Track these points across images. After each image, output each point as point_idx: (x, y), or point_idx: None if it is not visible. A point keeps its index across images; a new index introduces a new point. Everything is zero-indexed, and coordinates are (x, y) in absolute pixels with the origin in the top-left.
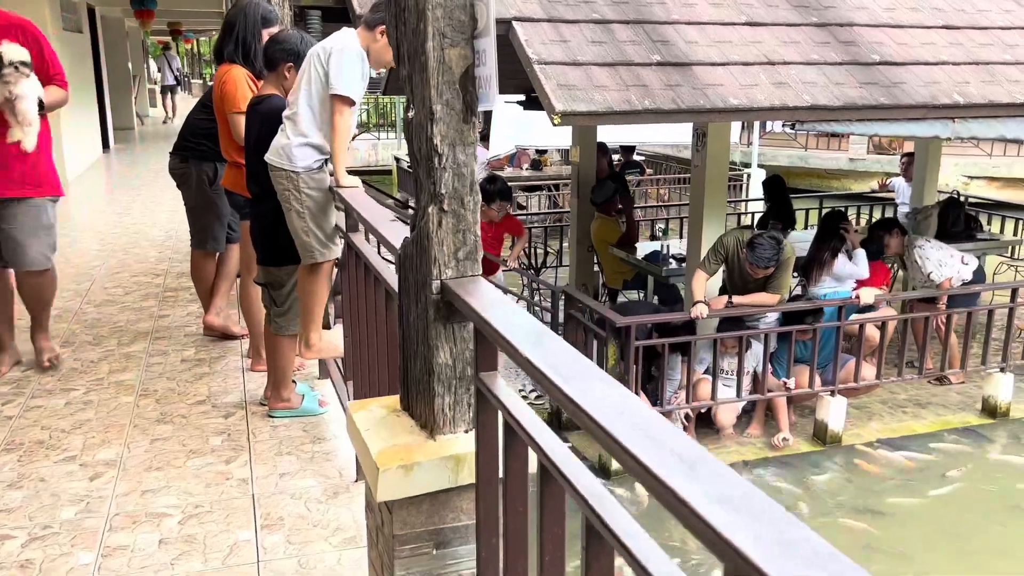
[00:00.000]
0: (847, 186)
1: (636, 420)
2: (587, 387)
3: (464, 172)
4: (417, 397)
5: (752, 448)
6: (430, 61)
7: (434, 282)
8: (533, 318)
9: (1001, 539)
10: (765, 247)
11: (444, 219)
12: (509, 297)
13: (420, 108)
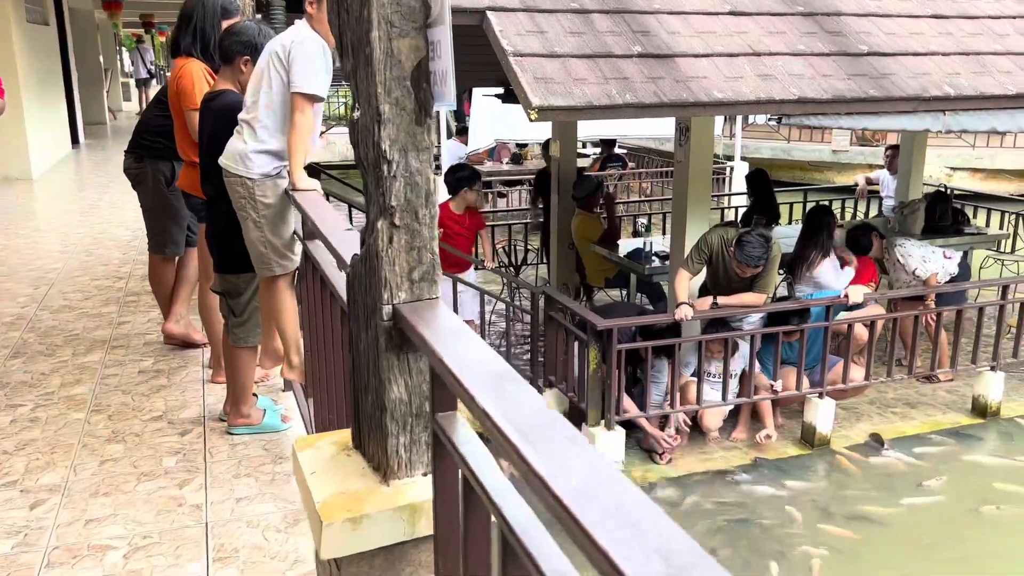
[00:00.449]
0: (830, 178)
1: (613, 503)
2: (555, 453)
3: (418, 181)
4: (369, 435)
5: (738, 453)
6: (376, 53)
7: (385, 307)
8: (495, 355)
9: (983, 546)
10: (754, 245)
11: (396, 235)
12: (474, 299)
13: (366, 108)
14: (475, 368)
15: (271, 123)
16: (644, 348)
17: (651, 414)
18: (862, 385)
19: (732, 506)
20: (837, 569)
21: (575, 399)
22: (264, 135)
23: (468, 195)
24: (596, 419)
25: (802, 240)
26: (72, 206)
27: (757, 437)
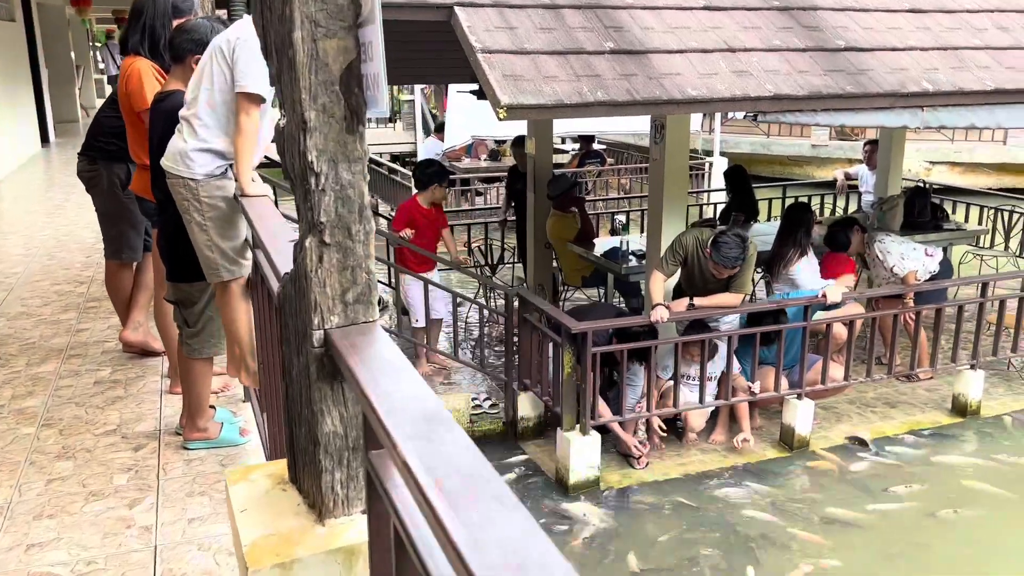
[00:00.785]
0: (810, 173)
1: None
2: (477, 517)
3: (351, 195)
4: (304, 470)
5: (716, 456)
6: (299, 56)
7: (315, 332)
8: (429, 393)
9: (947, 552)
10: (731, 246)
11: (326, 254)
12: (445, 298)
13: (291, 115)
14: (404, 407)
15: (212, 121)
16: (619, 351)
17: (627, 418)
18: (841, 385)
19: (708, 510)
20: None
21: (550, 403)
22: (205, 133)
23: (437, 191)
24: (571, 423)
25: (780, 238)
26: (37, 207)
27: (734, 441)
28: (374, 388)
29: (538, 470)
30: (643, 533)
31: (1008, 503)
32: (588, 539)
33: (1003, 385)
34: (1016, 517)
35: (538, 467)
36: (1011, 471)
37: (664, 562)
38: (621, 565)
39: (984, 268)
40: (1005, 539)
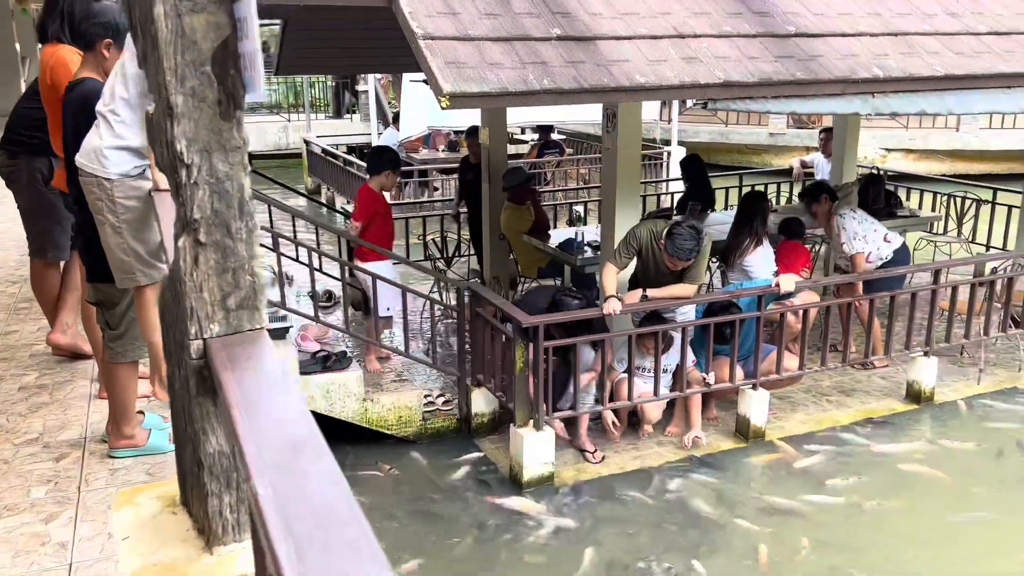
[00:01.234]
0: (768, 161)
1: None
2: (324, 569)
3: (228, 189)
4: (192, 493)
5: (671, 448)
6: (162, 32)
7: (193, 342)
8: (304, 416)
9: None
10: (685, 238)
11: (202, 254)
12: (395, 291)
13: (157, 100)
14: (269, 432)
15: (128, 117)
16: (571, 345)
17: (581, 412)
18: (796, 375)
19: (661, 504)
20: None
21: (503, 399)
22: (122, 130)
23: (390, 177)
24: (524, 419)
25: (735, 227)
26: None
27: (684, 440)
28: (240, 409)
29: (492, 467)
30: (596, 529)
31: (946, 490)
32: (541, 536)
33: (957, 371)
34: (947, 505)
35: (492, 464)
36: (955, 457)
37: (616, 557)
38: (575, 561)
39: (938, 254)
40: (934, 528)
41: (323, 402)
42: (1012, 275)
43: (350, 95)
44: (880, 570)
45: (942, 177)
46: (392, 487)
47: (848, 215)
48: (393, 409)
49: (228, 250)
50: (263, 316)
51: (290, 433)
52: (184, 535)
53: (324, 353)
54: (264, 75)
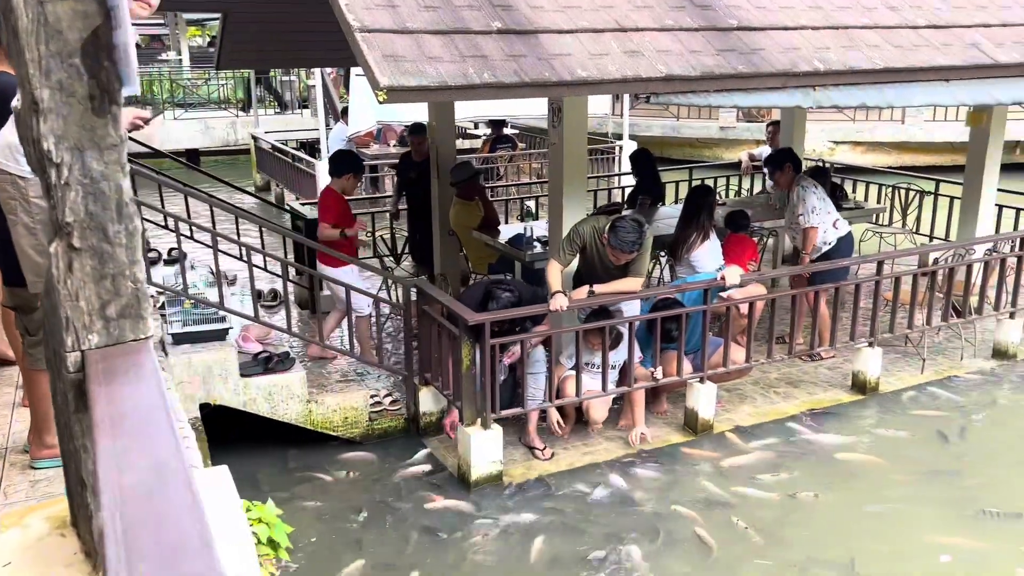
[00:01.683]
0: (719, 155)
1: None
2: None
3: (104, 190)
4: (79, 513)
5: (621, 443)
6: (22, 21)
7: (70, 355)
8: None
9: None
10: (628, 231)
11: (77, 260)
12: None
13: (22, 94)
14: (131, 457)
15: None
16: (519, 341)
17: (528, 409)
18: (744, 367)
19: (609, 498)
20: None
21: (451, 397)
22: None
23: (351, 180)
24: (472, 418)
25: (682, 221)
26: None
27: (630, 437)
28: (103, 428)
29: (441, 467)
30: (543, 525)
31: (872, 480)
32: (489, 534)
33: (902, 361)
34: (868, 495)
35: (441, 463)
36: (889, 446)
37: (563, 551)
38: (522, 558)
39: (883, 245)
40: (854, 519)
41: (265, 405)
42: (953, 265)
43: (263, 89)
44: (796, 561)
45: (888, 169)
46: (338, 489)
47: (810, 188)
48: (339, 410)
49: (106, 255)
50: (148, 325)
51: (155, 456)
52: (70, 559)
53: (266, 354)
54: (136, 66)
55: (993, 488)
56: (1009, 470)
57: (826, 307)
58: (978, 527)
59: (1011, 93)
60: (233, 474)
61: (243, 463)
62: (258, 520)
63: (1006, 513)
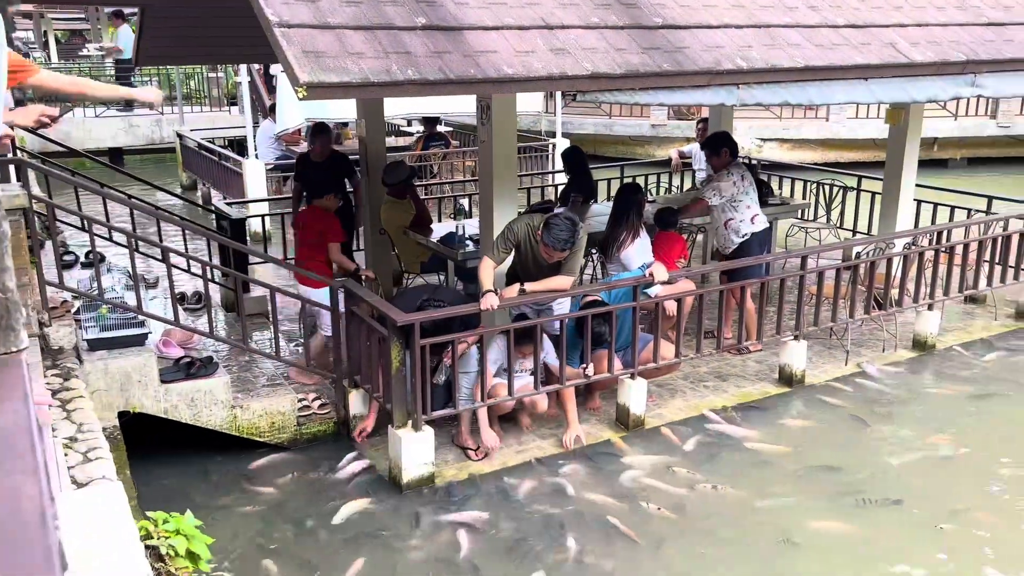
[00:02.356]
0: (651, 153)
1: None
2: None
3: None
4: None
5: (553, 441)
6: None
7: None
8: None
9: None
10: (561, 228)
11: None
12: None
13: None
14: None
15: None
16: (450, 341)
17: (460, 409)
18: (673, 362)
19: (544, 497)
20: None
21: (381, 399)
22: None
23: (331, 200)
24: (402, 420)
25: (612, 220)
26: None
27: (565, 441)
28: None
29: (371, 470)
30: (474, 525)
31: (773, 474)
32: (419, 536)
33: (827, 353)
34: (770, 489)
35: (372, 466)
36: (798, 438)
37: (492, 551)
38: (452, 558)
39: (808, 240)
40: (744, 515)
41: (187, 411)
42: (874, 259)
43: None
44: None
45: (813, 166)
46: (265, 496)
47: (736, 177)
48: (265, 415)
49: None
50: (20, 337)
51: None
52: None
53: (188, 359)
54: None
55: (881, 478)
56: (902, 458)
57: (752, 302)
58: (857, 515)
59: (926, 91)
60: (154, 483)
61: (166, 471)
62: (176, 532)
63: (883, 500)
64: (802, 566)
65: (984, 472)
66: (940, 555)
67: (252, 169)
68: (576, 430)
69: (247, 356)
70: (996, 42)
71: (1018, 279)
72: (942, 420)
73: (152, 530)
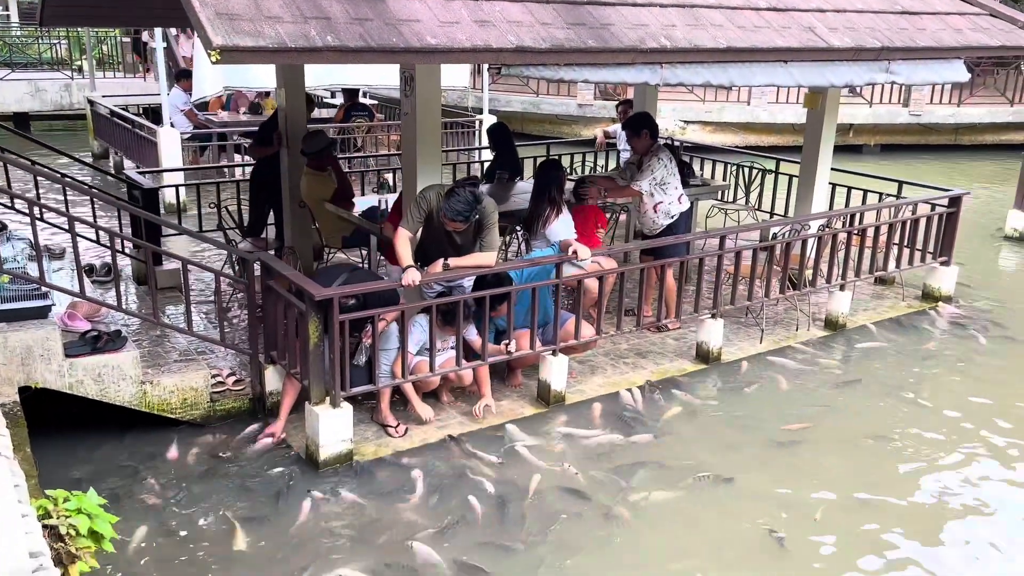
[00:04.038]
0: (577, 132)
1: None
2: None
3: None
4: None
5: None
6: None
7: None
8: None
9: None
10: (460, 200)
11: None
12: None
13: None
14: None
15: None
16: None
17: (381, 386)
18: (593, 339)
19: (462, 472)
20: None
21: (298, 376)
22: None
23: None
24: (320, 396)
25: (534, 197)
26: None
27: (474, 410)
28: None
29: (288, 447)
30: (391, 506)
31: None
32: (334, 517)
33: (743, 332)
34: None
35: (288, 444)
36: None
37: (408, 523)
38: (368, 538)
39: (727, 221)
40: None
41: (94, 387)
42: (790, 240)
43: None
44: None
45: (734, 148)
46: (176, 474)
47: (664, 160)
48: (176, 391)
49: None
50: None
51: None
52: None
53: (95, 333)
54: None
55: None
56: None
57: (672, 280)
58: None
59: (842, 76)
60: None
61: (73, 449)
62: (78, 511)
63: (716, 477)
64: (629, 536)
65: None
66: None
67: (167, 138)
68: (488, 400)
69: (158, 331)
70: (910, 30)
71: (924, 261)
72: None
73: (51, 509)
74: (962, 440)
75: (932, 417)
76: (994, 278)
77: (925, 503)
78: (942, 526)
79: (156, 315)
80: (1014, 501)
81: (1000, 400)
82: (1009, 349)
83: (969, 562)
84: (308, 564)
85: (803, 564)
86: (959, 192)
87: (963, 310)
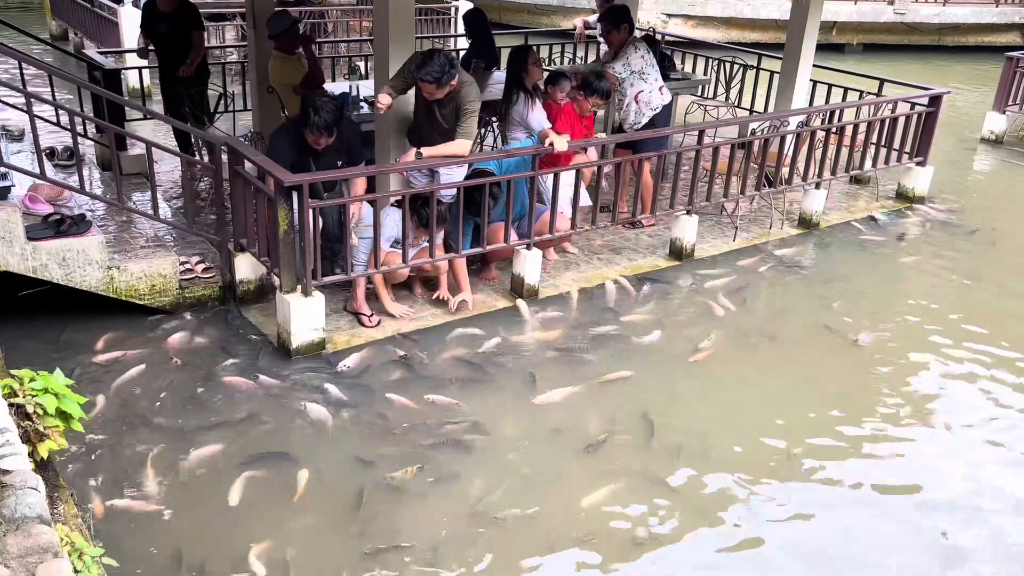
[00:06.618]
0: (556, 23)
1: None
2: None
3: None
4: None
5: (446, 309)
6: None
7: None
8: None
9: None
10: (434, 61)
11: None
12: None
13: None
14: None
15: None
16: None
17: (355, 275)
18: (568, 233)
19: (435, 364)
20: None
21: (268, 264)
22: None
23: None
24: (291, 285)
25: (507, 85)
26: None
27: (450, 304)
28: None
29: (260, 335)
30: (366, 396)
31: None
32: (309, 404)
33: (717, 229)
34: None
35: (260, 332)
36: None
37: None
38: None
39: (707, 117)
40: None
41: (59, 271)
42: (768, 136)
43: None
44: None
45: (716, 43)
46: (147, 358)
47: (641, 50)
48: (144, 277)
49: None
50: None
51: None
52: None
53: (58, 216)
54: None
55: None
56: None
57: (650, 176)
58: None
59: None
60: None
61: (45, 330)
62: (44, 391)
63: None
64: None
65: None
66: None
67: (129, 18)
68: (465, 295)
69: (124, 217)
70: None
71: (900, 161)
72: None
73: (17, 388)
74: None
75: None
76: (968, 180)
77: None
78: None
79: (121, 199)
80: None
81: (970, 295)
82: (983, 250)
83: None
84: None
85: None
86: (940, 91)
87: (936, 211)
